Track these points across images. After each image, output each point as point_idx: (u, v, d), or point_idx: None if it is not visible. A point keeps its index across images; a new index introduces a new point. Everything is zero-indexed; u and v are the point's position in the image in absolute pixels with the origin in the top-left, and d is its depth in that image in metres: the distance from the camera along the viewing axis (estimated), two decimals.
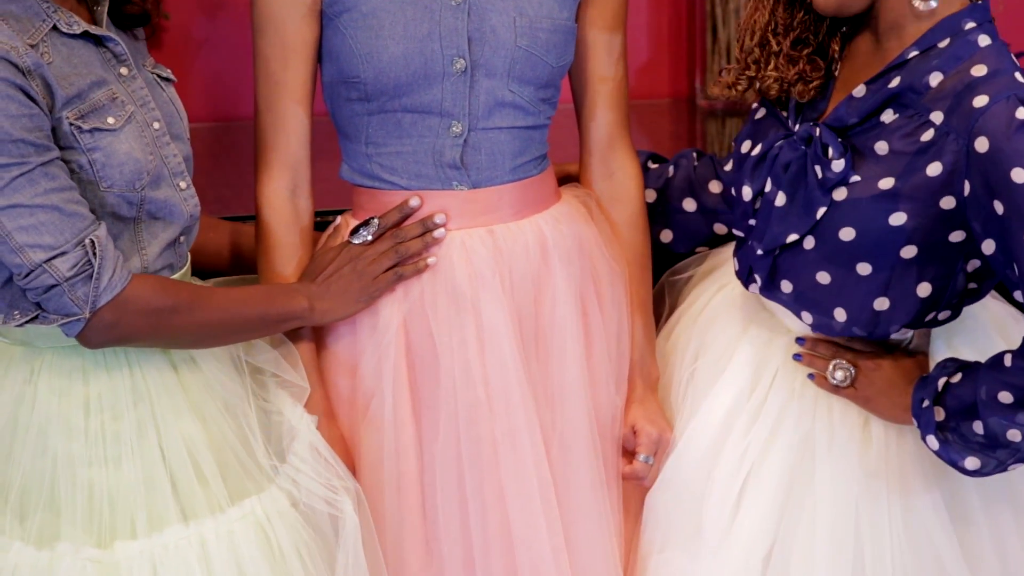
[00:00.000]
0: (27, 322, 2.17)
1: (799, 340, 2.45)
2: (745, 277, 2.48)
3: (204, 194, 2.32)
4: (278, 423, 2.35)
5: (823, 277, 2.37)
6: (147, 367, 2.23)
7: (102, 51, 2.21)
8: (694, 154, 2.72)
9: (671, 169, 2.70)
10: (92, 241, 2.11)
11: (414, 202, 2.41)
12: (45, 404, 2.20)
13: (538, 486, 2.41)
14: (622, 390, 2.53)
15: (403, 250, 2.39)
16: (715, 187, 2.67)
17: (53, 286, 2.11)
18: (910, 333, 2.43)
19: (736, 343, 2.51)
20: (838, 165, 2.30)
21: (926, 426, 2.31)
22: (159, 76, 2.31)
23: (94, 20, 2.23)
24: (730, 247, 2.57)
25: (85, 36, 2.19)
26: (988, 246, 2.24)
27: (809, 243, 2.36)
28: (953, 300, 2.35)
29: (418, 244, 2.40)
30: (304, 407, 2.39)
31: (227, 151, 2.31)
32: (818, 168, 2.32)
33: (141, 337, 2.19)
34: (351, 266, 2.39)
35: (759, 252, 2.42)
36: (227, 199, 2.29)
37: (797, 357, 2.45)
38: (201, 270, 2.45)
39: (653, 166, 2.73)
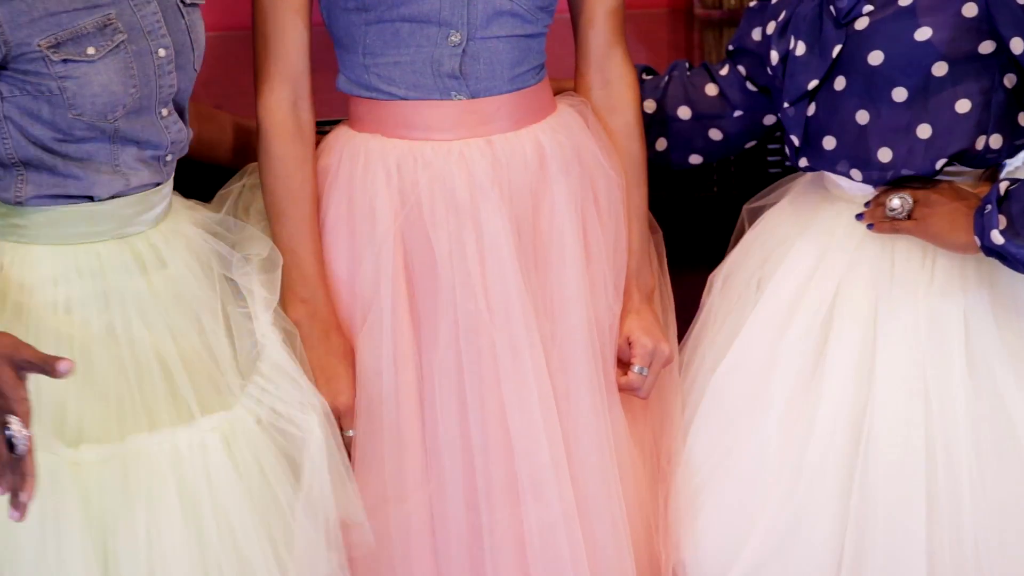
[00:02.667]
0: None
1: (858, 216, 2.46)
2: (793, 151, 2.49)
3: (202, 102, 2.28)
4: (248, 334, 2.34)
5: (862, 116, 2.39)
6: (118, 273, 2.23)
7: None
8: (686, 64, 2.72)
9: (665, 79, 2.70)
10: None
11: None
12: (14, 302, 2.19)
13: (538, 397, 2.41)
14: (620, 299, 2.53)
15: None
16: (711, 90, 2.67)
17: None
18: (968, 175, 2.43)
19: (801, 232, 2.52)
20: None
21: (989, 224, 2.29)
22: (182, 2, 2.28)
23: None
24: (804, 176, 2.60)
25: None
26: (1016, 45, 2.28)
27: (840, 83, 2.39)
28: (1000, 122, 2.36)
29: None
30: (294, 318, 2.38)
31: (223, 62, 2.30)
32: (831, 7, 2.37)
33: None
34: None
35: (787, 107, 2.45)
36: (224, 108, 2.28)
37: (859, 216, 2.45)
38: (203, 162, 2.41)
39: (647, 78, 2.73)
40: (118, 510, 2.18)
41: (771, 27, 2.50)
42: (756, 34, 2.57)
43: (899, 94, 2.36)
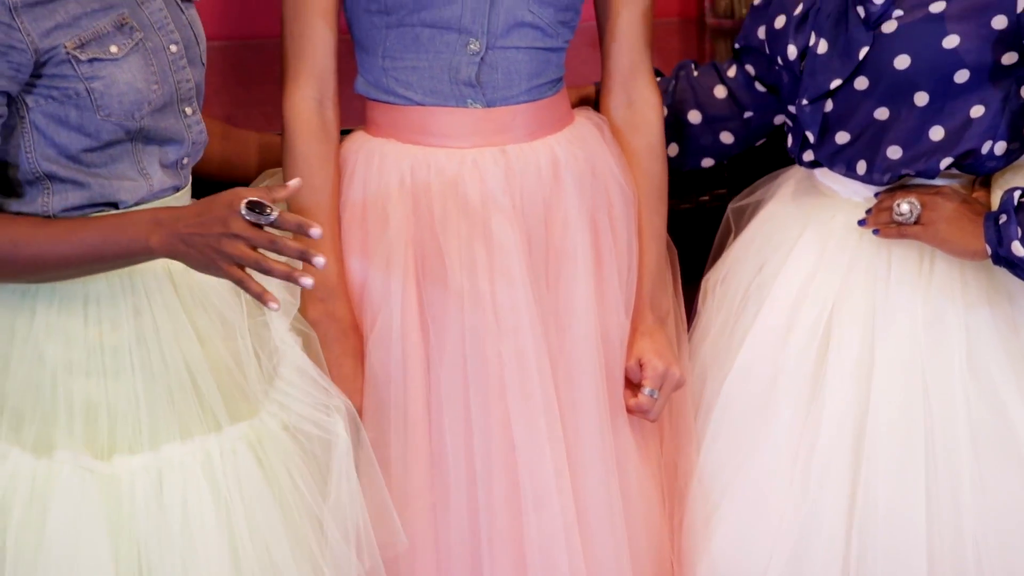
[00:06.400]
0: None
1: (861, 222, 2.47)
2: (798, 147, 2.50)
3: (213, 113, 2.28)
4: (268, 340, 2.33)
5: (881, 113, 2.40)
6: (146, 277, 2.21)
7: None
8: (692, 65, 2.71)
9: (672, 83, 2.69)
10: None
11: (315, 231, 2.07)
12: (44, 312, 2.18)
13: (543, 409, 2.40)
14: (630, 315, 2.52)
15: (267, 266, 2.05)
16: (720, 92, 2.66)
17: None
18: (962, 179, 2.44)
19: (798, 236, 2.53)
20: None
21: (1008, 235, 2.31)
22: None
23: None
24: (790, 172, 2.61)
25: None
26: None
27: (862, 83, 2.40)
28: (1009, 130, 2.38)
29: (283, 269, 2.05)
30: (311, 317, 2.38)
31: (237, 70, 2.30)
32: (860, 8, 2.38)
33: None
34: (224, 240, 2.07)
35: (805, 103, 2.45)
36: (237, 119, 2.28)
37: (861, 222, 2.46)
38: (230, 183, 2.39)
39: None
40: (153, 520, 2.17)
41: (779, 21, 2.50)
42: (761, 32, 2.56)
43: (921, 98, 2.38)
